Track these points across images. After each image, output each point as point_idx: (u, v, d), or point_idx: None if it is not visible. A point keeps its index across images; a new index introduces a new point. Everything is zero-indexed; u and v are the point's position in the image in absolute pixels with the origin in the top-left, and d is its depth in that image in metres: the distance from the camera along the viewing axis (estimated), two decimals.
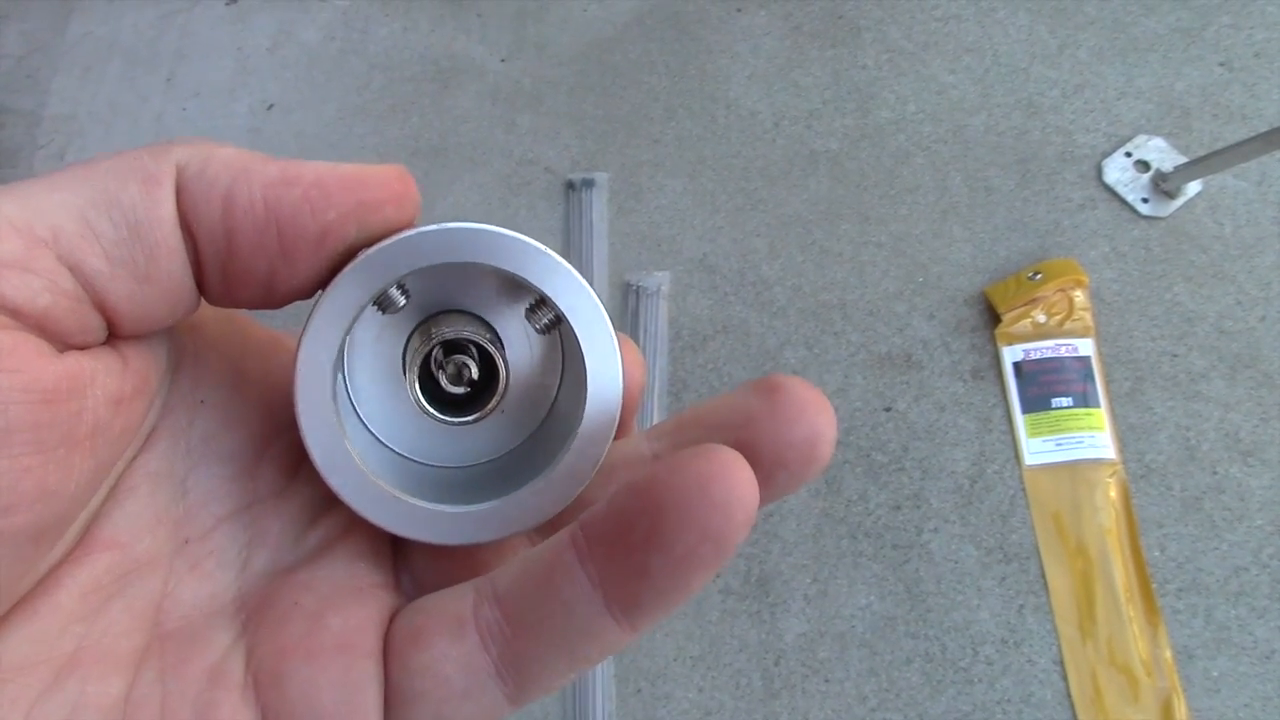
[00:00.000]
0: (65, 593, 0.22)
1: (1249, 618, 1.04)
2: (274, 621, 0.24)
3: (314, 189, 0.23)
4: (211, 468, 0.25)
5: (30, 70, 1.44)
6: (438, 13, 1.43)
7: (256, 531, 0.26)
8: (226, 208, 0.22)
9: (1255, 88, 1.30)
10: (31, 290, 0.20)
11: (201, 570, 0.25)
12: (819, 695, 1.02)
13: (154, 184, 0.22)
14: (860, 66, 1.35)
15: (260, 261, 0.23)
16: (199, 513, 0.25)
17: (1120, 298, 1.18)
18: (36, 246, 0.20)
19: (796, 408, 0.25)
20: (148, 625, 0.23)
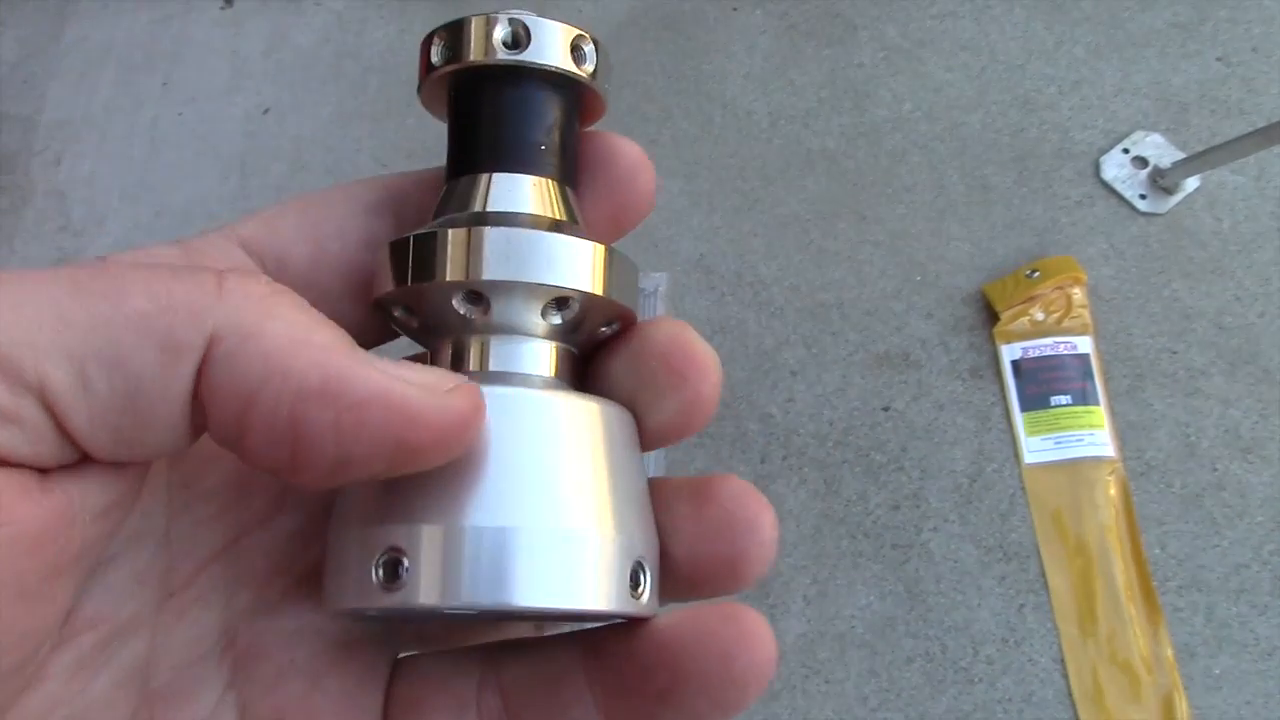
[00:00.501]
0: (52, 681, 0.21)
1: (1250, 615, 1.03)
2: (269, 678, 0.24)
3: (349, 414, 0.19)
4: (193, 511, 0.23)
5: (26, 76, 1.44)
6: (432, 15, 1.43)
7: (241, 568, 0.24)
8: (245, 410, 0.19)
9: (1253, 82, 1.29)
10: (13, 443, 0.18)
11: (187, 618, 0.23)
12: (819, 696, 1.02)
13: (174, 355, 0.19)
14: (856, 65, 1.34)
15: (265, 461, 0.20)
16: (182, 562, 0.23)
17: (1119, 295, 1.18)
18: (22, 396, 0.18)
19: (725, 522, 0.24)
20: (136, 688, 0.22)
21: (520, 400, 0.22)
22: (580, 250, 0.23)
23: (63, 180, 1.36)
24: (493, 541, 0.21)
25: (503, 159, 0.25)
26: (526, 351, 0.24)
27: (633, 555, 0.22)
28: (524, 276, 0.23)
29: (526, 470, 0.21)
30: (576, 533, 0.21)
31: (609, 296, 0.24)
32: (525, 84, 0.25)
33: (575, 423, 0.22)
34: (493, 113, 0.25)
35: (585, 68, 0.25)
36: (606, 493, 0.22)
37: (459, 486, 0.21)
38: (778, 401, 1.14)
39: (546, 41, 0.25)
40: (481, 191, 0.24)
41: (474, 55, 0.24)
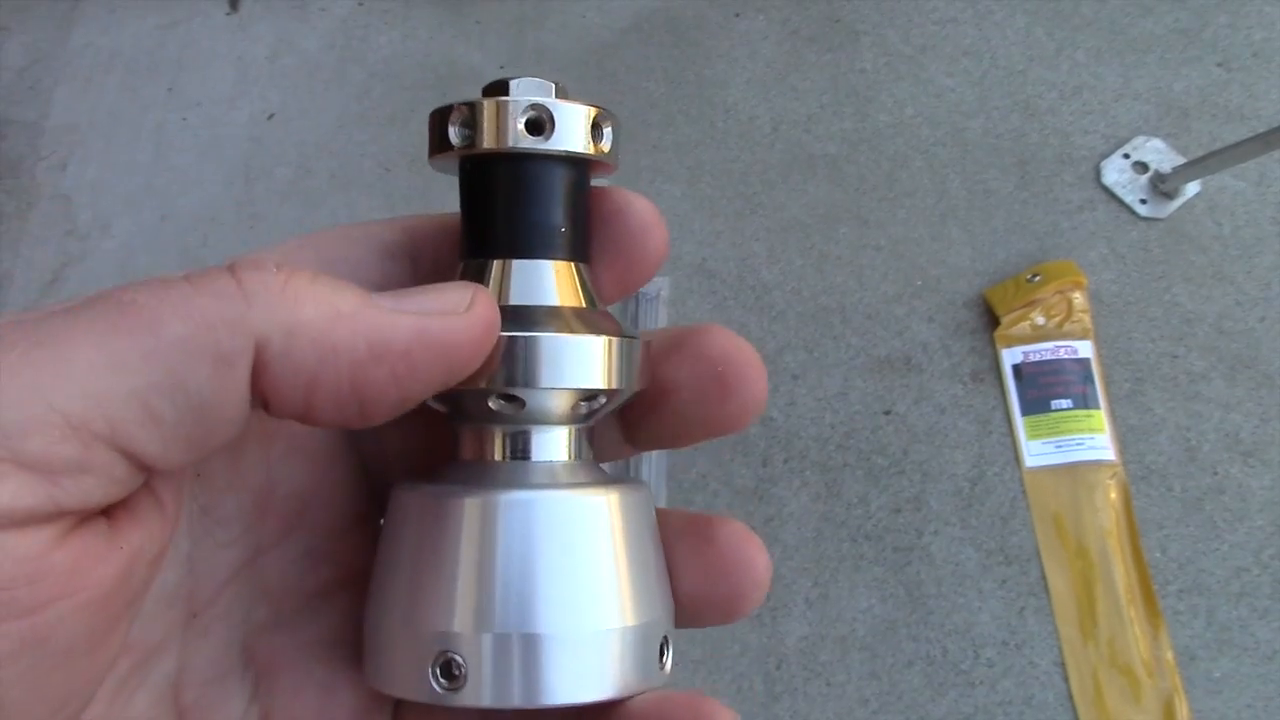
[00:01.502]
0: (96, 705, 0.22)
1: (1250, 618, 1.04)
2: (288, 690, 0.25)
3: (401, 363, 0.21)
4: (214, 536, 0.24)
5: (32, 81, 1.45)
6: (437, 20, 1.44)
7: (258, 585, 0.25)
8: (310, 391, 0.21)
9: (1253, 88, 1.30)
10: (86, 490, 0.19)
11: (210, 636, 0.24)
12: (820, 698, 1.02)
13: (227, 366, 0.20)
14: (858, 70, 1.35)
15: (335, 422, 0.22)
16: (204, 583, 0.24)
17: (1119, 299, 1.18)
18: (93, 444, 0.19)
19: (725, 564, 0.26)
20: (170, 705, 0.24)
21: (551, 505, 0.24)
22: (614, 350, 0.25)
23: (68, 185, 1.37)
24: (541, 647, 0.23)
25: (523, 246, 0.25)
26: (551, 440, 0.25)
27: (658, 634, 0.25)
28: (562, 383, 0.24)
29: (563, 574, 0.23)
30: (612, 632, 0.23)
31: (634, 386, 0.26)
32: (545, 170, 0.25)
33: (599, 521, 0.24)
34: (513, 198, 0.25)
35: (603, 146, 0.26)
36: (631, 583, 0.24)
37: (505, 591, 0.23)
38: (779, 405, 1.15)
39: (569, 126, 0.25)
40: (504, 279, 0.25)
41: (497, 142, 0.24)
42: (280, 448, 0.25)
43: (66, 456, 0.19)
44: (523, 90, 0.25)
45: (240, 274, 0.20)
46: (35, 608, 0.18)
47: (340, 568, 0.27)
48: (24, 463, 0.18)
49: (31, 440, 0.18)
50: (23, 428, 0.18)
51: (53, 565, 0.19)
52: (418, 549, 0.24)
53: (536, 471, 0.25)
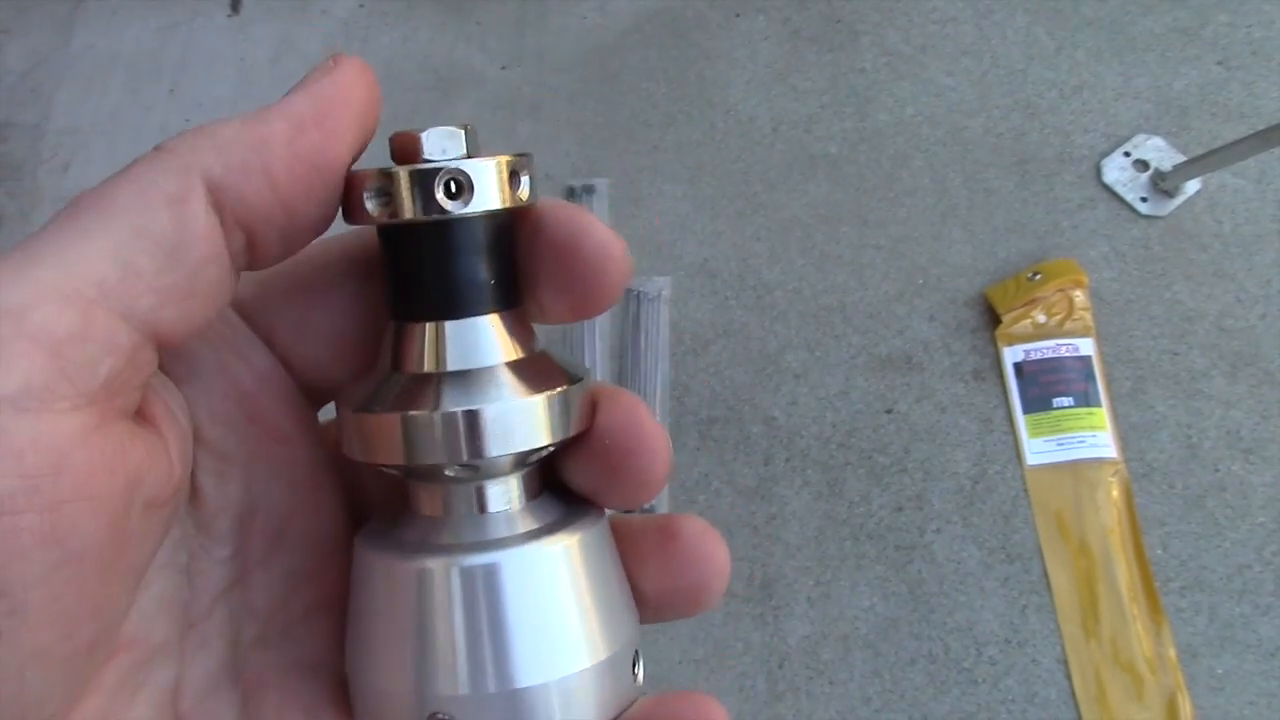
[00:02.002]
0: (101, 695, 0.22)
1: (1253, 615, 1.04)
2: (274, 708, 0.26)
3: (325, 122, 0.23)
4: (210, 552, 0.25)
5: (34, 84, 1.45)
6: (438, 22, 1.44)
7: (245, 603, 0.26)
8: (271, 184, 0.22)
9: (1253, 86, 1.30)
10: (93, 358, 0.20)
11: (207, 649, 0.25)
12: (823, 697, 1.02)
13: (180, 204, 0.21)
14: (858, 70, 1.35)
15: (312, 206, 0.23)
16: (200, 596, 0.25)
17: (1120, 297, 1.18)
18: (90, 309, 0.20)
19: (688, 558, 0.27)
20: (168, 713, 0.24)
21: (514, 562, 0.25)
22: (554, 407, 0.25)
23: (70, 187, 1.37)
24: (522, 700, 0.24)
25: (453, 307, 0.25)
26: (503, 491, 0.26)
27: (629, 654, 0.26)
28: (511, 449, 0.25)
29: (532, 626, 0.24)
30: (587, 671, 0.25)
31: (579, 429, 0.26)
32: (466, 230, 0.25)
33: (561, 569, 0.25)
34: (437, 263, 0.25)
35: (521, 194, 0.25)
36: (599, 617, 0.25)
37: (481, 650, 0.24)
38: (781, 404, 1.15)
39: (487, 185, 0.25)
40: (438, 344, 0.25)
41: (414, 212, 0.24)
42: (261, 469, 0.26)
43: (68, 324, 0.19)
44: (434, 143, 0.25)
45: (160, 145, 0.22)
46: (56, 503, 0.19)
47: (322, 590, 0.27)
48: (32, 338, 0.19)
49: (32, 315, 0.19)
50: (21, 305, 0.19)
51: (75, 461, 0.19)
52: (391, 612, 0.25)
53: (494, 524, 0.26)
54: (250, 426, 0.26)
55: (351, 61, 0.24)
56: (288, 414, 0.27)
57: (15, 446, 0.19)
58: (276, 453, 0.26)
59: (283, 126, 0.23)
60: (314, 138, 0.23)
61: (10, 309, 0.19)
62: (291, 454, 0.27)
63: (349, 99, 0.24)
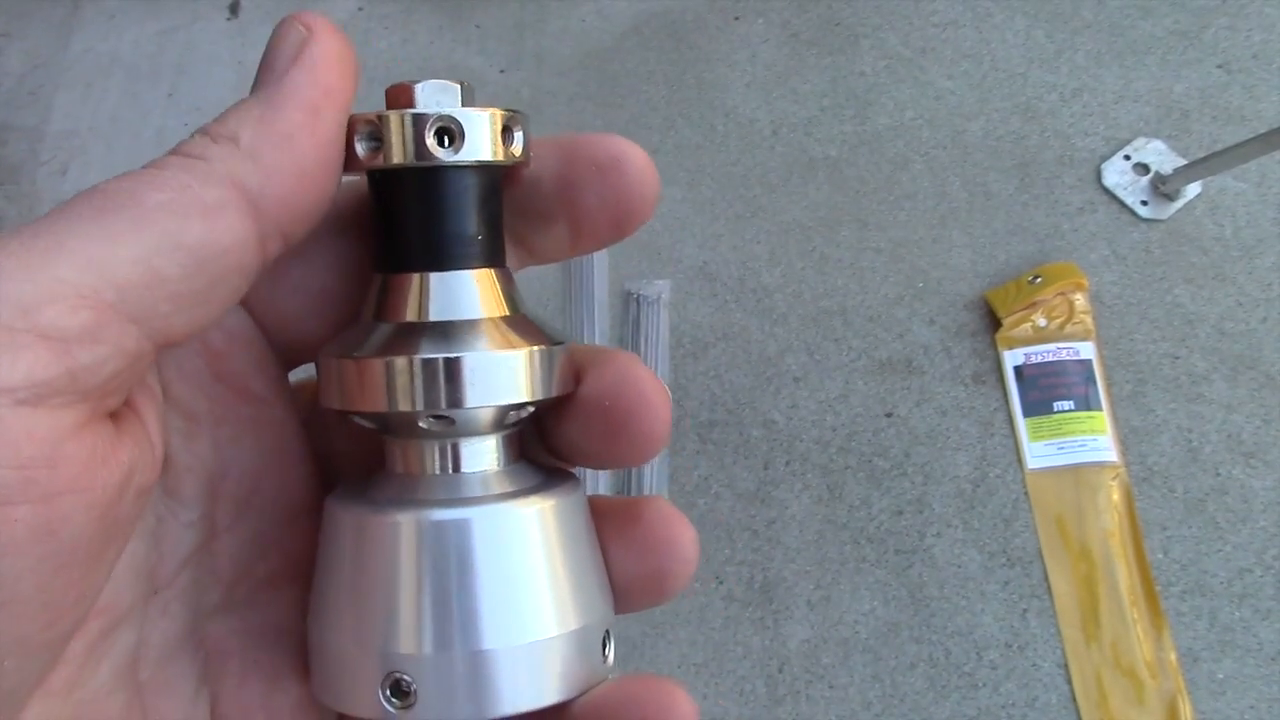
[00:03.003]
0: (68, 665, 0.22)
1: (1254, 620, 1.03)
2: (236, 675, 0.26)
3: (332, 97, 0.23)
4: (177, 516, 0.25)
5: (32, 87, 1.45)
6: (436, 25, 1.44)
7: (210, 568, 0.26)
8: (300, 177, 0.22)
9: (1254, 89, 1.30)
10: (100, 360, 0.20)
11: (169, 615, 0.25)
12: (823, 701, 1.02)
13: (216, 216, 0.21)
14: (858, 73, 1.35)
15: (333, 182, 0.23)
16: (167, 561, 0.25)
17: (1121, 300, 1.18)
18: (105, 312, 0.20)
19: (651, 542, 0.26)
20: (129, 679, 0.24)
21: (485, 520, 0.24)
22: (535, 362, 0.25)
23: (69, 191, 1.37)
24: (485, 662, 0.23)
25: (439, 258, 0.25)
26: (480, 450, 0.26)
27: (598, 632, 0.25)
28: (489, 400, 0.24)
29: (502, 587, 0.24)
30: (553, 640, 0.24)
31: (555, 392, 0.25)
32: (457, 180, 0.25)
33: (533, 532, 0.24)
34: (425, 211, 0.25)
35: (514, 150, 0.25)
36: (570, 587, 0.25)
37: (447, 609, 0.23)
38: (781, 408, 1.15)
39: (478, 135, 0.25)
40: (422, 295, 0.25)
41: (404, 157, 0.24)
42: (229, 432, 0.26)
43: (81, 324, 0.19)
44: (428, 95, 0.25)
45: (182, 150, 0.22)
46: (50, 495, 0.19)
47: (288, 556, 0.27)
48: (42, 333, 0.19)
49: (46, 311, 0.19)
50: (36, 299, 0.19)
51: (69, 454, 0.19)
52: (358, 568, 0.24)
53: (469, 483, 0.25)
54: (218, 385, 0.25)
55: (323, 24, 0.24)
56: (259, 374, 0.26)
57: (11, 437, 0.19)
58: (246, 414, 0.26)
59: (301, 116, 0.23)
60: (329, 118, 0.23)
61: (24, 302, 0.19)
62: (262, 415, 0.26)
63: (341, 65, 0.24)
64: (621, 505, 0.27)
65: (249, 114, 0.23)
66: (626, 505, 0.27)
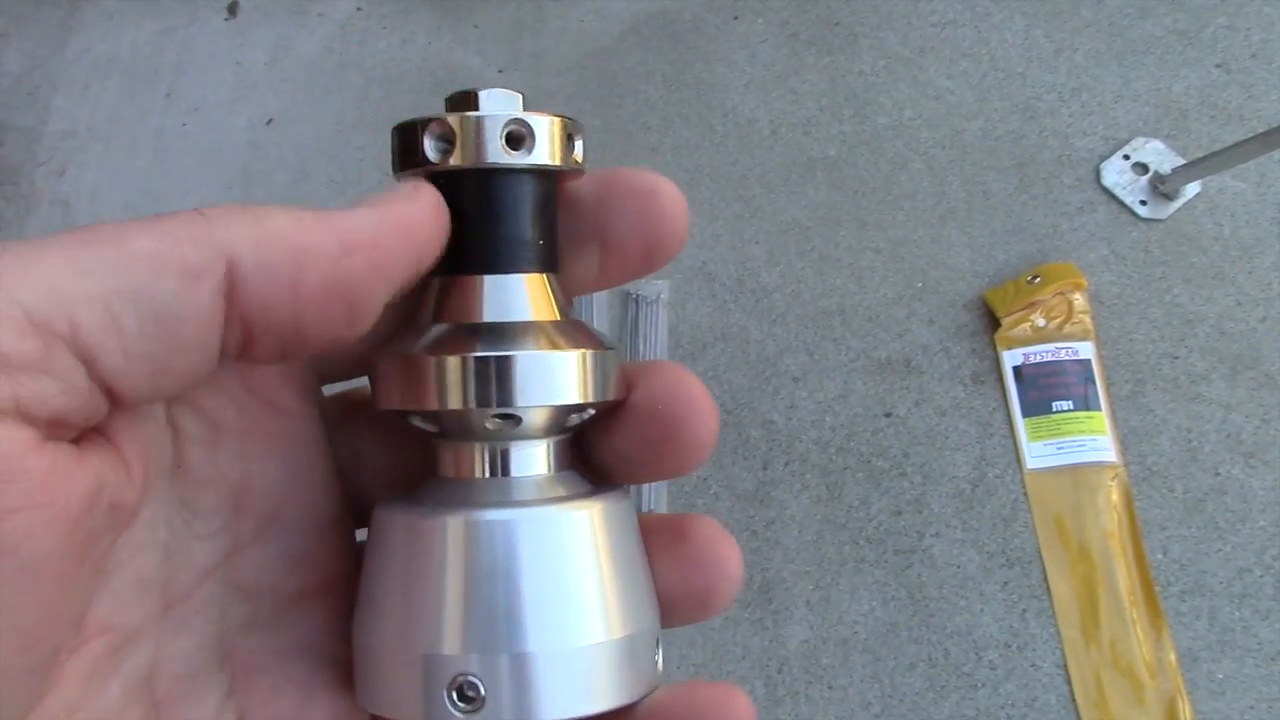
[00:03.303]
0: (67, 687, 0.21)
1: (1253, 620, 1.03)
2: (265, 691, 0.25)
3: (376, 252, 0.22)
4: (193, 528, 0.24)
5: (30, 87, 1.44)
6: (435, 25, 1.44)
7: (235, 582, 0.25)
8: (293, 296, 0.21)
9: (1253, 89, 1.30)
10: (46, 393, 0.19)
11: (187, 629, 0.24)
12: (822, 702, 1.02)
13: (193, 279, 0.20)
14: (857, 73, 1.35)
15: (326, 332, 0.22)
16: (181, 575, 0.24)
17: (1120, 300, 1.18)
18: (54, 344, 0.19)
19: (698, 560, 0.26)
20: (144, 697, 0.23)
21: (535, 523, 0.24)
22: (589, 364, 0.25)
23: (67, 191, 1.37)
24: (537, 668, 0.23)
25: (498, 261, 0.25)
26: (531, 454, 0.26)
27: (649, 640, 0.25)
28: (541, 400, 0.24)
29: (552, 591, 0.24)
30: (601, 646, 0.24)
31: (610, 397, 0.26)
32: (522, 184, 0.25)
33: (583, 536, 0.24)
34: (488, 214, 0.25)
35: (576, 156, 0.26)
36: (619, 594, 0.25)
37: (501, 612, 0.23)
38: (780, 408, 1.15)
39: (545, 140, 0.25)
40: (479, 296, 0.25)
41: (477, 158, 0.24)
42: (256, 444, 0.25)
43: (26, 352, 0.19)
44: (494, 102, 0.25)
45: (200, 210, 0.21)
46: (8, 510, 0.18)
47: (317, 572, 0.26)
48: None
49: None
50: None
51: (26, 468, 0.19)
52: (408, 571, 0.24)
53: (519, 487, 0.25)
54: (248, 397, 0.25)
55: (430, 195, 0.24)
56: (290, 385, 0.26)
57: None
58: (274, 427, 0.25)
59: (331, 243, 0.22)
60: (359, 266, 0.22)
61: None
62: (290, 429, 0.26)
63: (413, 234, 0.23)
64: (667, 521, 0.27)
65: (292, 210, 0.22)
66: (673, 521, 0.27)
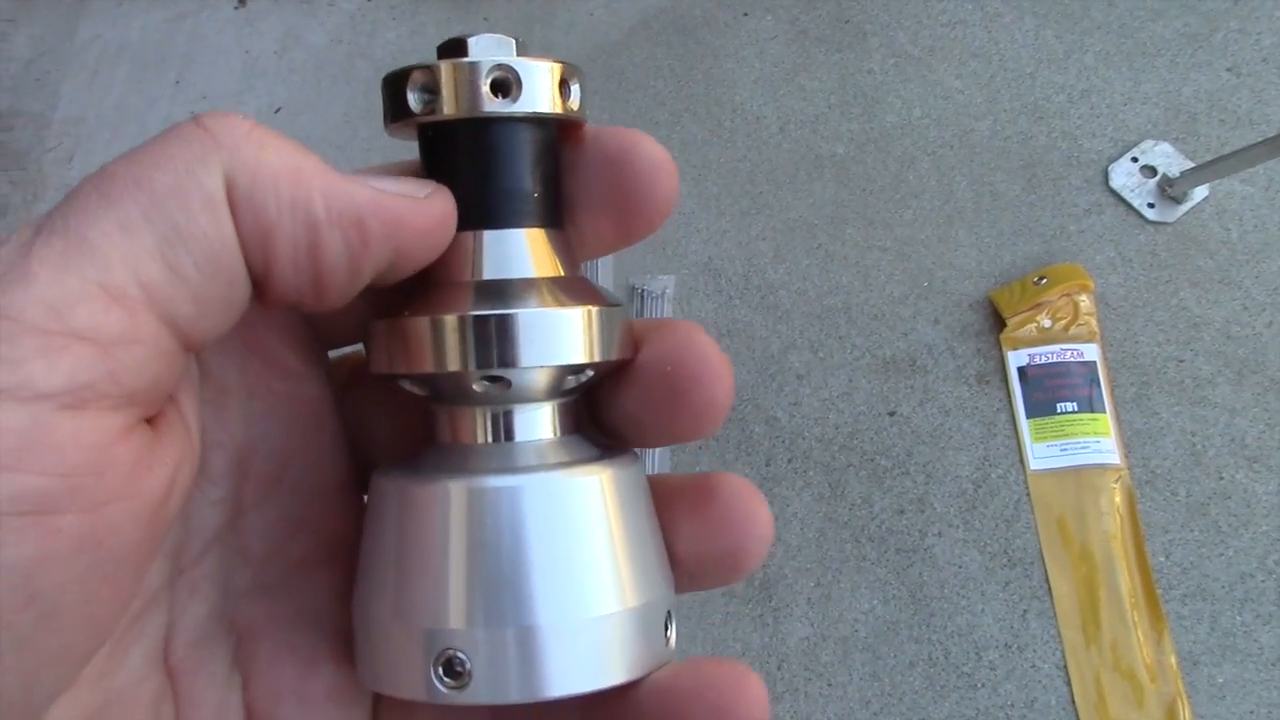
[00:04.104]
0: (97, 656, 0.21)
1: (1254, 624, 1.03)
2: (268, 658, 0.25)
3: (355, 232, 0.21)
4: (204, 493, 0.24)
5: (39, 74, 1.45)
6: (444, 16, 1.44)
7: (239, 548, 0.25)
8: (266, 243, 0.21)
9: (1263, 93, 1.29)
10: (141, 362, 0.19)
11: (198, 595, 0.24)
12: (821, 699, 1.02)
13: (218, 207, 0.20)
14: (866, 71, 1.35)
15: (292, 293, 0.22)
16: (194, 539, 0.24)
17: (1126, 303, 1.18)
18: (136, 310, 0.19)
19: (727, 519, 0.25)
20: (159, 662, 0.23)
21: (541, 488, 0.23)
22: (595, 321, 0.23)
23: (75, 177, 1.37)
24: (543, 640, 0.22)
25: (494, 215, 0.24)
26: (535, 418, 0.24)
27: (661, 611, 0.24)
28: (544, 360, 0.23)
29: (560, 560, 0.22)
30: (613, 616, 0.23)
31: (616, 356, 0.24)
32: (514, 133, 0.24)
33: (592, 502, 0.23)
34: (481, 165, 0.24)
35: (572, 104, 0.24)
36: (630, 562, 0.23)
37: (500, 583, 0.22)
38: (784, 405, 1.15)
39: (536, 85, 0.23)
40: (476, 254, 0.24)
41: (460, 107, 0.23)
42: (261, 405, 0.25)
43: (116, 325, 0.19)
44: (483, 48, 0.23)
45: (204, 120, 0.20)
46: (97, 504, 0.18)
47: (322, 538, 0.26)
48: (76, 334, 0.18)
49: (79, 312, 0.18)
50: (68, 301, 0.18)
51: (115, 460, 0.19)
52: (404, 541, 0.23)
53: (523, 452, 0.24)
54: (251, 358, 0.25)
55: (447, 198, 0.23)
56: (293, 348, 0.25)
57: (56, 442, 0.18)
58: (279, 388, 0.25)
59: (320, 204, 0.21)
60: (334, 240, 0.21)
61: (55, 304, 0.18)
62: (295, 390, 0.25)
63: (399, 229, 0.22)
64: (691, 481, 0.25)
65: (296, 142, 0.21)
66: (697, 481, 0.25)
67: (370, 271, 0.22)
